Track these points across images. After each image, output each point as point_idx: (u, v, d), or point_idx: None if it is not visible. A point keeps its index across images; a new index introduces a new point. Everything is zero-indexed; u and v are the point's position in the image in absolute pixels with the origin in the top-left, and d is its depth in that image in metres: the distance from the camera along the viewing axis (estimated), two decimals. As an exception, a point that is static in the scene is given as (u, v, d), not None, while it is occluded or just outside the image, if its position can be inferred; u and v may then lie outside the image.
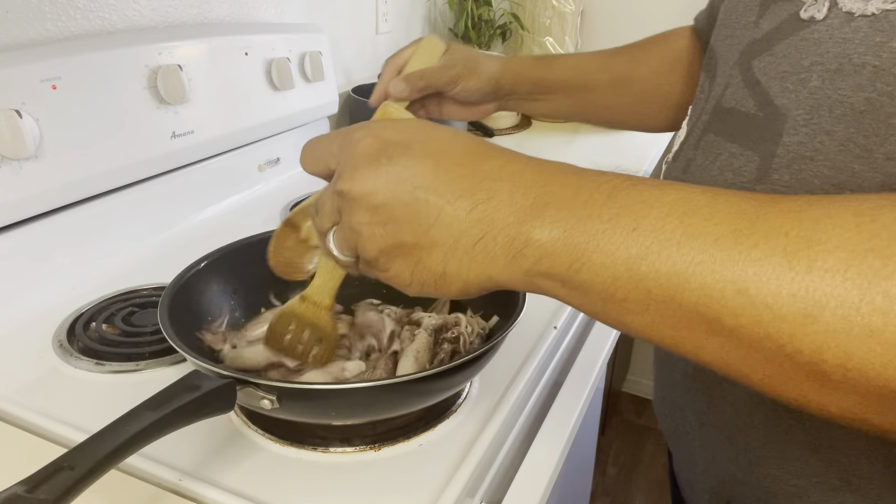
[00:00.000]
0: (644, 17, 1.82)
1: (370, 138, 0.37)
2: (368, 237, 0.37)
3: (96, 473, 0.38)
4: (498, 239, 0.34)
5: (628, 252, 0.30)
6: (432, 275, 0.36)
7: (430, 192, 0.35)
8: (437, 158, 0.36)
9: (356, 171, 0.37)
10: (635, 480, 1.91)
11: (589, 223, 0.32)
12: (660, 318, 0.31)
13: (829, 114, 0.38)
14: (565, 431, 0.59)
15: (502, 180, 0.34)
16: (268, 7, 1.13)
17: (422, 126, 0.38)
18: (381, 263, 0.38)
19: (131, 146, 0.82)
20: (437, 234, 0.35)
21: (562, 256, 0.32)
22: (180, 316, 0.58)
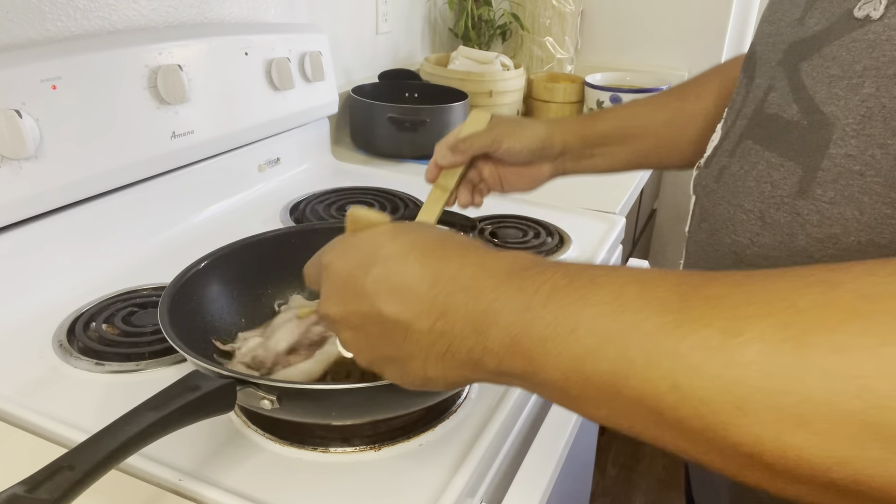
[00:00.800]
0: (644, 17, 1.82)
1: (338, 261, 0.41)
2: (357, 351, 0.41)
3: (96, 474, 0.38)
4: (461, 350, 0.36)
5: (572, 353, 0.31)
6: (418, 379, 0.39)
7: (395, 310, 0.38)
8: (398, 276, 0.38)
9: (330, 297, 0.41)
10: (635, 480, 1.91)
11: (533, 328, 0.33)
12: (614, 411, 0.31)
13: (883, 124, 0.35)
14: (565, 432, 0.59)
15: (457, 291, 0.36)
16: (268, 7, 1.13)
17: (382, 239, 0.40)
18: (375, 368, 0.42)
19: (131, 146, 0.82)
20: (410, 348, 0.38)
21: (516, 360, 0.34)
22: (180, 316, 0.58)
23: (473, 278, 0.37)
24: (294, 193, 1.06)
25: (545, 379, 0.33)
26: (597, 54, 1.89)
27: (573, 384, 0.32)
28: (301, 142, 1.16)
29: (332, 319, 0.41)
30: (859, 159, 0.36)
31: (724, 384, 0.26)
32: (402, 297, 0.38)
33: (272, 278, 0.70)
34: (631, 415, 0.30)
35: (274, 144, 1.10)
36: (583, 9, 1.84)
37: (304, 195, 1.05)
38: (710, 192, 0.48)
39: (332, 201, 1.03)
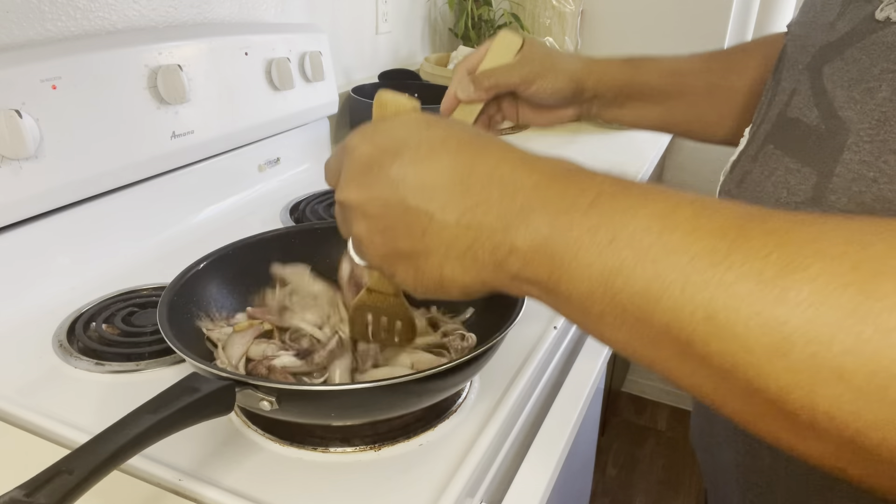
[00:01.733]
0: (644, 18, 1.82)
1: (363, 145, 0.38)
2: (369, 244, 0.38)
3: (95, 477, 0.38)
4: (486, 246, 0.34)
5: (604, 265, 0.29)
6: (432, 280, 0.36)
7: (421, 199, 0.35)
8: (428, 164, 0.35)
9: (351, 181, 0.37)
10: (635, 480, 1.91)
11: (569, 232, 0.31)
12: (636, 335, 0.29)
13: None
14: (565, 431, 0.59)
15: (492, 185, 0.34)
16: (268, 7, 1.13)
17: (414, 126, 0.38)
18: (386, 268, 0.38)
19: (131, 146, 0.82)
20: (430, 242, 0.35)
21: (542, 265, 0.32)
22: (180, 317, 0.58)
23: (512, 173, 0.34)
24: (294, 193, 1.06)
25: (568, 290, 0.31)
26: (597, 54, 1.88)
27: (597, 300, 0.30)
28: (301, 142, 1.16)
29: (349, 205, 0.38)
30: (873, 165, 0.35)
31: (765, 321, 0.24)
32: (430, 186, 0.35)
33: (272, 278, 0.70)
34: (652, 341, 0.29)
35: (274, 144, 1.10)
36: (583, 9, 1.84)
37: (304, 195, 1.05)
38: (732, 197, 0.47)
39: (331, 201, 1.03)
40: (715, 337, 0.26)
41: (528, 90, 0.61)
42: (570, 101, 0.64)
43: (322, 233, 0.72)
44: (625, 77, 0.65)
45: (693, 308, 0.26)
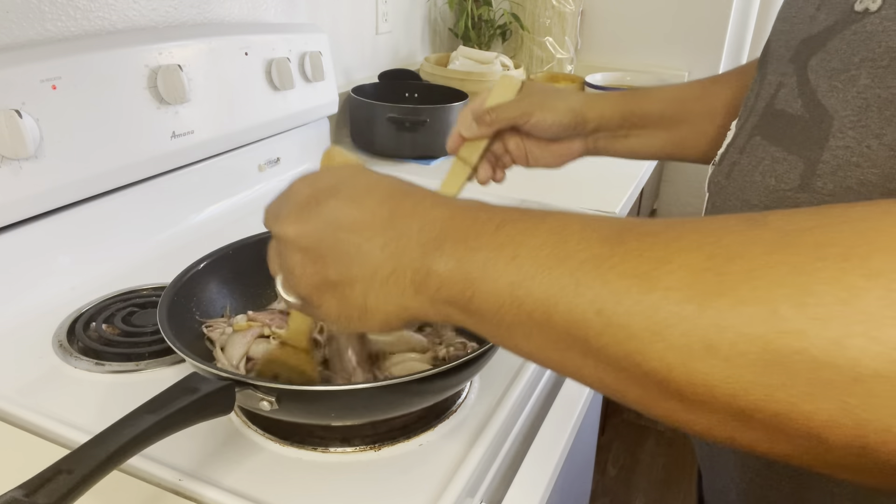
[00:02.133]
0: (644, 18, 1.82)
1: (305, 187, 0.42)
2: (300, 276, 0.41)
3: (95, 477, 0.38)
4: (406, 272, 0.37)
5: (509, 279, 0.32)
6: (356, 308, 0.39)
7: (351, 232, 0.38)
8: (361, 201, 0.39)
9: (289, 216, 0.41)
10: (635, 480, 1.91)
11: (478, 254, 0.34)
12: (543, 341, 0.32)
13: (878, 115, 0.36)
14: (565, 431, 0.59)
15: (414, 217, 0.38)
16: (268, 7, 1.13)
17: (353, 171, 0.42)
18: (314, 300, 0.41)
19: (131, 146, 0.82)
20: (356, 271, 0.38)
21: (457, 284, 0.35)
22: (180, 317, 0.58)
23: (430, 210, 0.38)
24: (294, 193, 1.06)
25: (480, 306, 0.34)
26: (597, 54, 1.88)
27: (506, 312, 0.33)
28: (301, 142, 1.16)
29: (286, 238, 0.41)
30: (856, 151, 0.37)
31: (643, 309, 0.28)
32: (360, 220, 0.38)
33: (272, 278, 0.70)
34: (557, 344, 0.31)
35: (274, 144, 1.10)
36: (583, 9, 1.84)
37: (304, 195, 1.05)
38: (721, 188, 0.48)
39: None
40: (605, 330, 0.29)
41: (529, 122, 0.63)
42: (572, 132, 0.65)
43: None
44: (627, 106, 0.66)
45: (585, 307, 0.29)
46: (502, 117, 0.63)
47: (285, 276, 0.43)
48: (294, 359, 0.57)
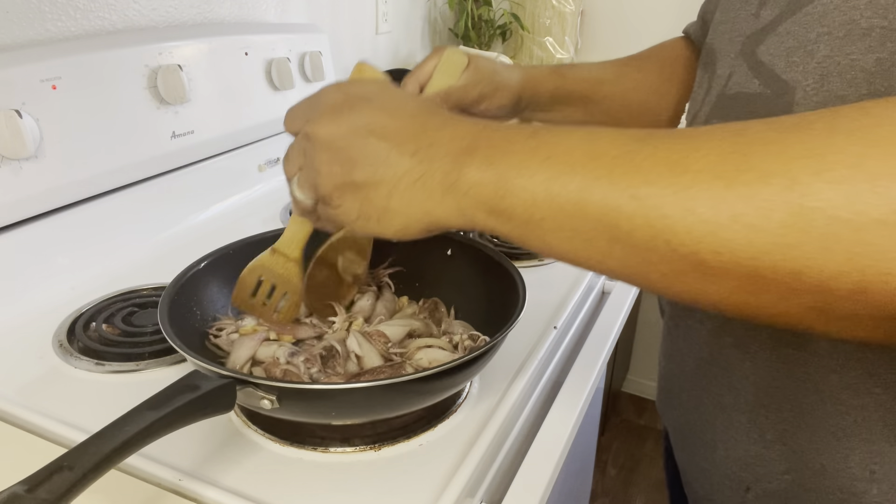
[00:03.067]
0: (644, 18, 1.82)
1: (337, 92, 0.44)
2: (326, 174, 0.42)
3: (96, 473, 0.38)
4: (435, 176, 0.39)
5: (543, 175, 0.35)
6: (377, 210, 0.41)
7: (382, 137, 0.40)
8: (393, 111, 0.42)
9: (322, 117, 0.43)
10: (635, 480, 1.91)
11: (511, 157, 0.37)
12: (573, 233, 0.35)
13: (839, 79, 0.39)
14: (565, 431, 0.59)
15: (445, 129, 0.40)
16: (268, 7, 1.13)
17: (385, 86, 0.44)
18: (334, 199, 0.43)
19: (131, 146, 0.82)
20: (383, 174, 0.40)
21: (488, 186, 0.37)
22: (180, 316, 0.58)
23: (462, 122, 0.41)
24: (294, 193, 1.06)
25: (512, 204, 0.36)
26: (597, 54, 1.89)
27: (539, 206, 0.35)
28: (301, 142, 1.16)
29: (316, 137, 0.43)
30: None
31: (675, 189, 0.31)
32: (392, 127, 0.41)
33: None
34: (587, 233, 0.34)
35: (274, 144, 1.10)
36: (583, 9, 1.84)
37: (304, 195, 1.05)
38: None
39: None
40: (637, 212, 0.32)
41: (478, 108, 0.66)
42: (512, 113, 0.70)
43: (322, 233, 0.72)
44: (553, 84, 0.71)
45: (619, 193, 0.33)
46: (457, 105, 0.65)
47: (306, 175, 0.44)
48: (283, 268, 0.58)
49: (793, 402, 0.46)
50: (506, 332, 0.54)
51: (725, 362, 0.50)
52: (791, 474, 0.48)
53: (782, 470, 0.48)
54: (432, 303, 0.69)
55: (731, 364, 0.50)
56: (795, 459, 0.47)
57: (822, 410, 0.45)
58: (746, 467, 0.51)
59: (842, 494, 0.45)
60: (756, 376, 0.48)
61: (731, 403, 0.50)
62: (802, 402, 0.46)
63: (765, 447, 0.49)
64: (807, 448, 0.46)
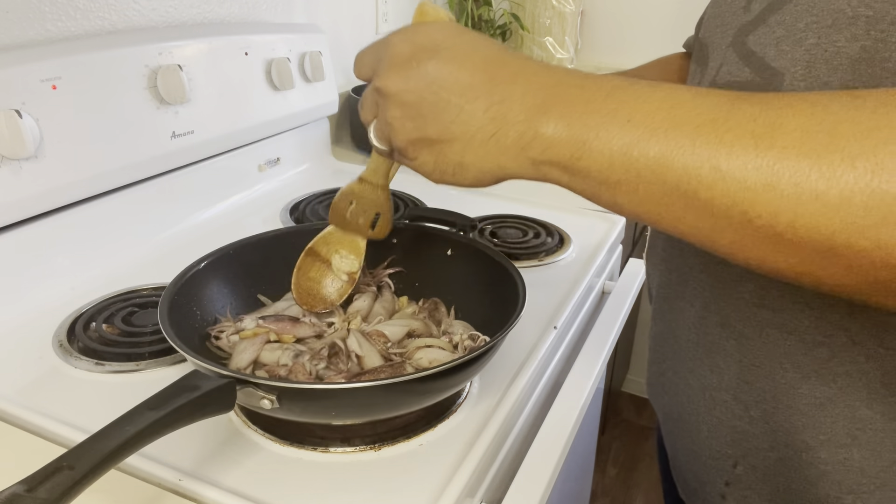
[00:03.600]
0: (644, 18, 1.82)
1: (404, 43, 0.43)
2: (399, 130, 0.43)
3: (96, 473, 0.38)
4: (509, 133, 0.39)
5: (622, 140, 0.35)
6: (451, 164, 0.42)
7: (453, 93, 0.40)
8: (461, 63, 0.41)
9: (391, 71, 0.43)
10: (635, 480, 1.91)
11: (589, 117, 0.37)
12: (647, 196, 0.36)
13: (825, 66, 0.40)
14: (565, 431, 0.59)
15: (516, 83, 0.40)
16: (268, 7, 1.13)
17: (450, 31, 0.43)
18: (409, 152, 0.44)
19: (131, 146, 0.82)
20: (456, 130, 0.40)
21: (565, 146, 0.37)
22: (180, 316, 0.58)
23: (535, 74, 0.40)
24: (294, 193, 1.06)
25: (588, 165, 0.37)
26: (597, 54, 1.89)
27: (616, 169, 0.36)
28: (301, 142, 1.16)
29: (387, 92, 0.42)
30: None
31: (760, 164, 0.32)
32: (462, 82, 0.40)
33: (272, 278, 0.70)
34: (662, 198, 0.35)
35: (274, 144, 1.10)
36: (583, 9, 1.84)
37: (304, 195, 1.05)
38: None
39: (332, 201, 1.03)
40: (718, 183, 0.33)
41: None
42: None
43: (322, 233, 0.72)
44: None
45: (700, 164, 0.33)
46: None
47: (381, 127, 0.45)
48: (371, 194, 0.62)
49: (774, 381, 0.47)
50: (506, 332, 0.54)
51: (710, 343, 0.51)
52: (775, 451, 0.49)
53: (767, 447, 0.49)
54: (432, 303, 0.69)
55: (715, 344, 0.51)
56: (778, 437, 0.48)
57: (804, 387, 0.45)
58: (732, 444, 0.52)
59: (825, 466, 0.46)
60: (740, 354, 0.49)
61: (715, 383, 0.51)
62: (781, 381, 0.47)
63: (749, 423, 0.50)
64: (788, 427, 0.47)
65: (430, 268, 0.71)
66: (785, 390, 0.47)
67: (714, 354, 0.51)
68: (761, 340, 0.47)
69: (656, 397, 0.62)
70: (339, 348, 0.60)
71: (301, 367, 0.58)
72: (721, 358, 0.50)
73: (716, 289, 0.50)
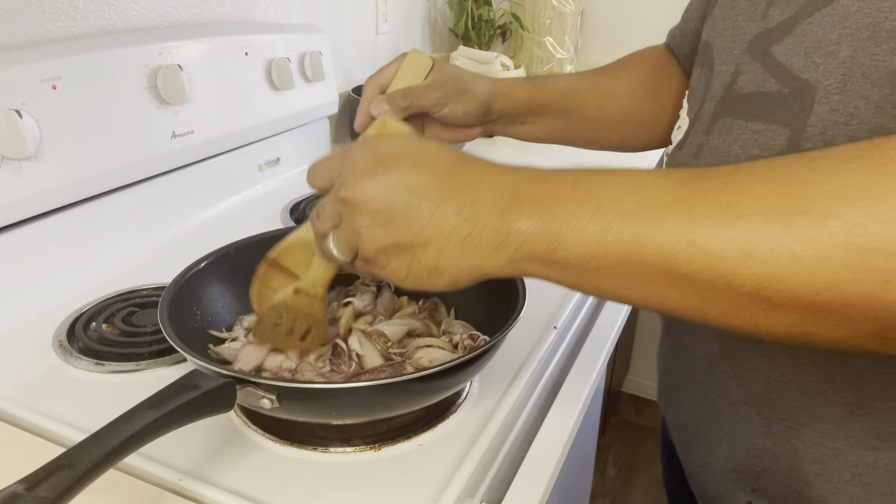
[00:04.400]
0: (644, 18, 1.82)
1: (367, 152, 0.43)
2: (369, 238, 0.42)
3: (96, 472, 0.38)
4: (483, 233, 0.39)
5: (595, 227, 0.36)
6: (426, 268, 0.41)
7: (423, 197, 0.40)
8: (427, 169, 0.41)
9: (357, 180, 0.41)
10: (635, 480, 1.91)
11: (559, 209, 0.37)
12: (629, 279, 0.36)
13: (863, 79, 0.39)
14: (565, 431, 0.59)
15: (483, 184, 0.40)
16: (268, 7, 1.13)
17: (413, 141, 0.44)
18: (379, 261, 0.42)
19: (131, 146, 0.82)
20: (430, 234, 0.40)
21: (540, 240, 0.37)
22: (180, 316, 0.58)
23: (500, 173, 0.41)
24: (294, 193, 1.06)
25: (565, 256, 0.37)
26: (597, 54, 1.88)
27: (593, 257, 0.36)
28: (301, 142, 1.16)
29: (353, 201, 0.41)
30: (843, 112, 0.40)
31: (733, 235, 0.32)
32: (430, 186, 0.40)
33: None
34: (644, 278, 0.35)
35: (274, 144, 1.10)
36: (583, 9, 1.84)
37: (304, 195, 1.05)
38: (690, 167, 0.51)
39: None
40: (696, 257, 0.33)
41: (441, 112, 0.64)
42: (478, 121, 0.67)
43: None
44: (528, 95, 0.69)
45: (676, 240, 0.34)
46: (416, 104, 0.62)
47: (344, 236, 0.44)
48: (307, 306, 0.58)
49: (802, 395, 0.46)
50: (506, 332, 0.54)
51: (736, 356, 0.50)
52: (796, 472, 0.48)
53: (787, 467, 0.49)
54: (432, 303, 0.69)
55: (741, 357, 0.50)
56: (800, 455, 0.48)
57: (834, 397, 0.45)
58: (752, 460, 0.51)
59: (848, 485, 0.45)
60: (767, 369, 0.48)
61: (740, 396, 0.51)
62: (812, 395, 0.46)
63: (771, 441, 0.49)
64: (812, 443, 0.47)
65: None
66: (811, 405, 0.46)
67: (739, 367, 0.50)
68: (788, 356, 0.47)
69: (669, 408, 0.62)
70: (341, 349, 0.60)
71: (308, 366, 0.58)
72: (745, 371, 0.50)
73: None
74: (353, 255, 0.44)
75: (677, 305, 0.36)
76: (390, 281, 0.44)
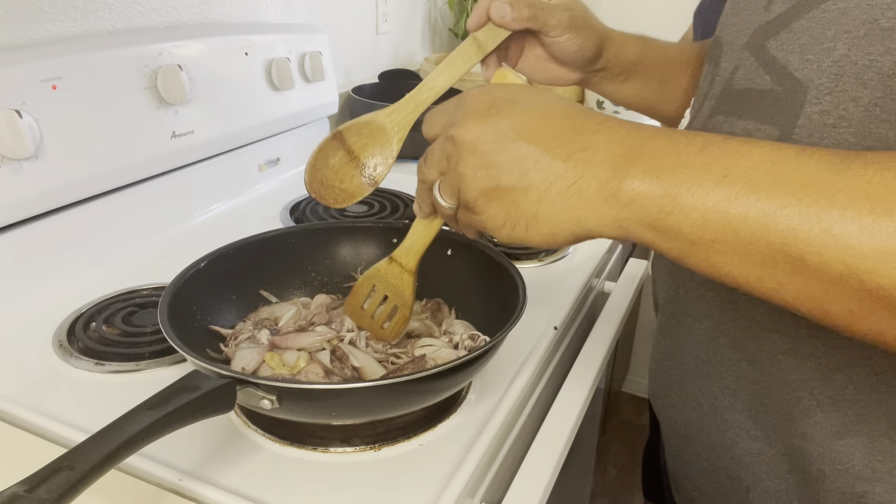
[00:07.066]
0: (644, 17, 1.82)
1: (483, 95, 0.42)
2: (471, 179, 0.40)
3: (96, 473, 0.38)
4: (591, 183, 0.37)
5: (719, 196, 0.33)
6: (525, 216, 0.39)
7: (531, 142, 0.38)
8: (541, 114, 0.40)
9: (467, 120, 0.41)
10: (635, 480, 1.91)
11: (681, 171, 0.34)
12: (746, 258, 0.33)
13: (854, 80, 0.38)
14: (565, 431, 0.59)
15: (599, 133, 0.38)
16: (268, 7, 1.13)
17: (530, 89, 0.42)
18: (479, 205, 0.41)
19: (131, 146, 0.82)
20: (533, 178, 0.38)
21: (653, 201, 0.35)
22: (180, 316, 0.58)
23: (620, 126, 0.38)
24: (294, 193, 1.06)
25: (678, 222, 0.34)
26: (597, 54, 1.88)
27: (710, 227, 0.33)
28: (301, 142, 1.16)
29: (461, 141, 0.40)
30: (833, 114, 0.39)
31: (877, 231, 0.29)
32: (542, 129, 0.39)
33: (272, 278, 0.70)
34: (764, 261, 0.32)
35: (274, 144, 1.10)
36: (583, 9, 1.83)
37: (304, 195, 1.05)
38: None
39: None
40: (830, 248, 0.30)
41: (557, 37, 0.59)
42: (583, 63, 0.63)
43: (322, 233, 0.72)
44: (638, 54, 0.66)
45: (809, 226, 0.31)
46: (539, 19, 0.58)
47: (449, 179, 0.43)
48: (397, 278, 0.57)
49: (788, 408, 0.45)
50: (506, 332, 0.54)
51: (721, 363, 0.49)
52: (793, 475, 0.47)
53: (785, 470, 0.48)
54: (435, 303, 0.69)
55: (727, 365, 0.49)
56: (794, 462, 0.47)
57: (819, 414, 0.44)
58: (746, 467, 0.50)
59: (843, 496, 0.44)
60: (755, 377, 0.47)
61: (728, 404, 0.50)
62: (795, 410, 0.45)
63: (768, 444, 0.48)
64: (804, 454, 0.46)
65: (430, 268, 0.71)
66: (797, 418, 0.45)
67: (725, 375, 0.49)
68: (773, 367, 0.45)
69: (661, 409, 0.61)
70: (342, 352, 0.60)
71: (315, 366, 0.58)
72: (733, 379, 0.49)
73: (726, 310, 0.48)
74: (457, 203, 0.43)
75: (795, 297, 0.33)
76: (488, 231, 0.42)
